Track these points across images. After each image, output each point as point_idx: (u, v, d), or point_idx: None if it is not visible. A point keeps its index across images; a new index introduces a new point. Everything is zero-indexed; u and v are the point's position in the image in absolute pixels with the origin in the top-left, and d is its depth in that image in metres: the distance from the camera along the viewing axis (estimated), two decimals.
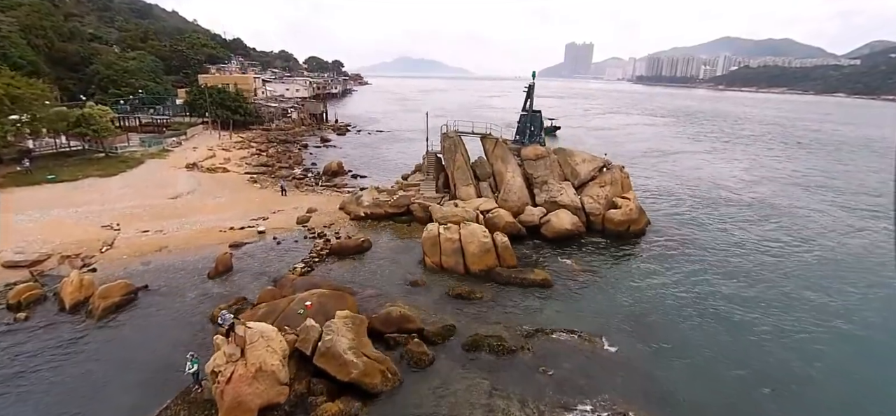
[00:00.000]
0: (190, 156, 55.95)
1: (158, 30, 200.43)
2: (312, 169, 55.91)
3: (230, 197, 41.02)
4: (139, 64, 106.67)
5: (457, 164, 38.72)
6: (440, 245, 29.02)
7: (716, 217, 42.04)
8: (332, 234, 33.94)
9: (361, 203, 37.81)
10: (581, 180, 38.75)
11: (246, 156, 60.32)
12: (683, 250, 33.55)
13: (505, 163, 39.14)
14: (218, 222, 35.07)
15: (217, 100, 79.11)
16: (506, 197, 37.31)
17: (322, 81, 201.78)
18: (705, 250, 33.94)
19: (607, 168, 39.96)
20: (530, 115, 41.11)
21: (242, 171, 51.84)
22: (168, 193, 40.74)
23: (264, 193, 43.08)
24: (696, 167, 65.62)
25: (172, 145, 60.90)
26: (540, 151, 39.62)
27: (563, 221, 34.25)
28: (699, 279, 28.89)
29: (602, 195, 37.42)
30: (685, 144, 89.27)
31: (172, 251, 30.38)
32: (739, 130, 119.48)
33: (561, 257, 31.36)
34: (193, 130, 70.22)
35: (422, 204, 37.11)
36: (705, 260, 31.97)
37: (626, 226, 35.71)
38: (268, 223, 35.20)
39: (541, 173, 38.87)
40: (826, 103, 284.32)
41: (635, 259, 31.71)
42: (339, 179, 50.46)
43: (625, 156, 71.19)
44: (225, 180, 46.44)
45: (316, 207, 39.05)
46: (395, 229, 35.85)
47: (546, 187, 37.87)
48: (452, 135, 40.29)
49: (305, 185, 47.90)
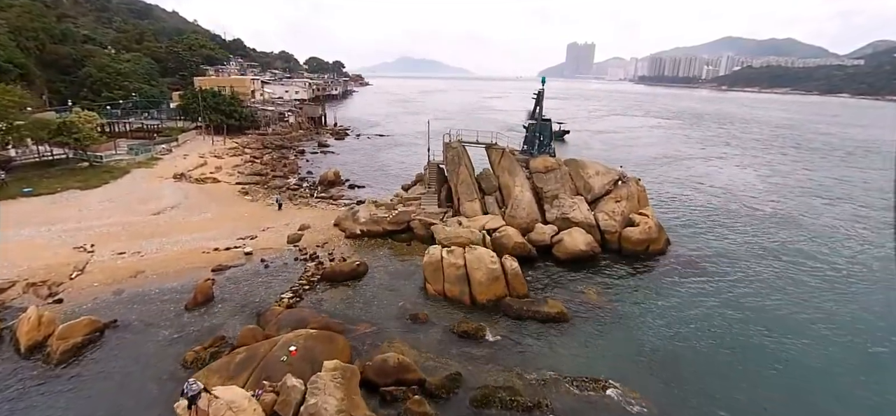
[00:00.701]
0: (179, 164, 53.26)
1: (158, 31, 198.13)
2: (308, 179, 53.17)
3: (217, 212, 38.28)
4: (134, 66, 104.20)
5: (461, 177, 35.93)
6: (443, 271, 26.25)
7: (738, 232, 39.18)
8: (326, 255, 31.19)
9: (358, 220, 35.06)
10: (595, 195, 35.94)
11: (239, 164, 57.59)
12: (709, 274, 30.72)
13: (512, 176, 36.36)
14: (202, 241, 32.34)
15: (211, 104, 76.46)
16: (514, 213, 34.53)
17: (322, 83, 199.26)
18: (733, 272, 31.10)
19: (623, 181, 37.15)
20: (539, 123, 38.27)
21: (234, 181, 49.10)
22: (151, 208, 38.02)
23: (255, 208, 40.34)
24: (710, 174, 62.74)
25: (162, 153, 58.23)
26: (550, 162, 36.82)
27: (577, 241, 31.43)
28: (732, 309, 26.04)
29: (618, 212, 34.61)
30: (695, 149, 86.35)
31: (149, 277, 27.65)
32: (748, 133, 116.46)
33: (576, 283, 28.56)
34: (185, 136, 67.55)
35: (423, 221, 34.35)
36: (735, 285, 29.13)
37: (645, 246, 32.89)
38: (256, 243, 32.47)
39: (551, 187, 36.08)
40: (831, 104, 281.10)
41: (658, 286, 28.86)
42: (336, 190, 47.72)
43: (633, 162, 68.39)
44: (214, 192, 43.71)
45: (309, 223, 36.29)
46: (394, 248, 33.09)
47: (557, 203, 35.08)
48: (456, 145, 37.52)
49: (299, 197, 45.16)
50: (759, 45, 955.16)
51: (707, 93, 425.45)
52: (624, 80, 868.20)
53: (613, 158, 69.95)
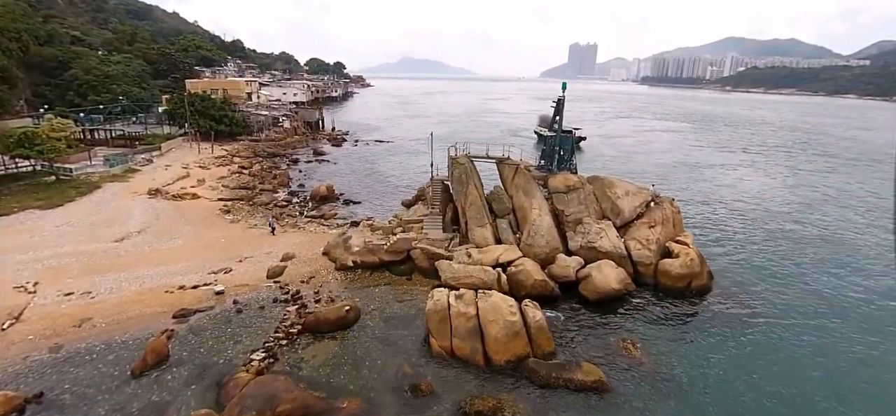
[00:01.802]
0: (158, 177, 48.57)
1: (155, 32, 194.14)
2: (299, 193, 48.38)
3: (191, 237, 33.52)
4: (124, 68, 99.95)
5: (469, 198, 31.09)
6: (451, 322, 21.44)
7: (785, 260, 34.25)
8: (311, 293, 26.43)
9: (350, 248, 30.27)
10: (624, 219, 31.09)
11: (225, 176, 52.86)
12: (764, 317, 25.85)
13: (528, 196, 31.52)
14: (167, 276, 27.60)
15: (200, 109, 71.81)
16: (531, 242, 29.69)
17: (322, 84, 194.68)
18: (791, 314, 26.23)
19: (656, 203, 32.29)
20: (559, 135, 33.42)
21: (216, 196, 44.37)
22: (114, 232, 33.28)
23: (235, 231, 35.57)
24: (737, 186, 57.77)
25: (142, 163, 53.55)
26: (572, 181, 31.97)
27: (608, 278, 26.57)
28: (799, 367, 21.20)
29: (652, 239, 29.74)
30: (714, 155, 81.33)
31: (96, 327, 22.91)
32: (765, 137, 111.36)
33: (610, 333, 23.71)
34: (170, 144, 62.89)
35: (426, 250, 29.55)
36: (796, 332, 24.27)
37: (687, 281, 28.01)
38: (230, 278, 27.72)
39: (574, 210, 31.22)
40: (841, 105, 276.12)
41: (709, 335, 23.99)
42: (329, 207, 42.92)
43: (650, 172, 63.48)
44: (191, 212, 38.98)
45: (294, 250, 31.54)
46: (392, 283, 28.28)
47: (582, 229, 30.23)
48: (463, 161, 32.69)
49: (287, 215, 40.43)
50: (762, 45, 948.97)
51: (712, 94, 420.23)
52: (626, 80, 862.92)
53: (630, 170, 65.19)
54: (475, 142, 35.74)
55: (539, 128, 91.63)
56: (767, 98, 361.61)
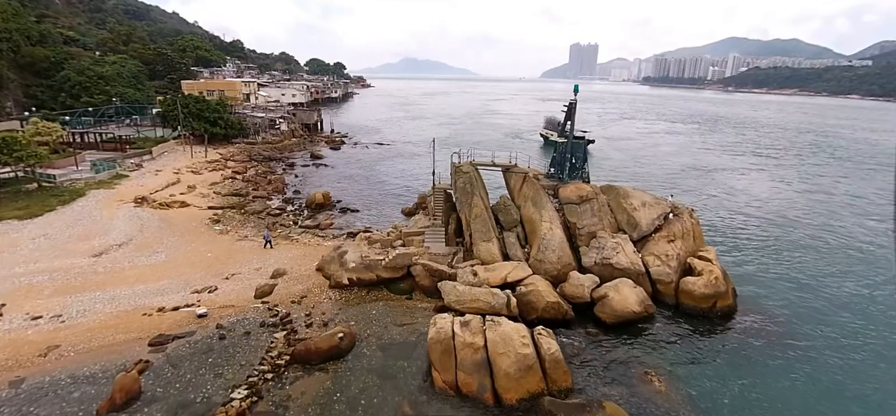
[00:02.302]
0: (147, 184, 46.41)
1: (154, 32, 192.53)
2: (294, 200, 46.18)
3: (175, 251, 31.31)
4: (119, 69, 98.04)
5: (474, 211, 28.83)
6: (455, 354, 19.21)
7: (811, 273, 32.00)
8: (302, 315, 24.21)
9: (346, 264, 28.03)
10: (642, 233, 28.82)
11: (218, 181, 50.70)
12: (800, 341, 23.58)
13: (538, 207, 29.28)
14: (146, 296, 25.40)
15: (194, 111, 69.65)
16: (541, 257, 27.45)
17: (321, 85, 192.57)
18: (829, 337, 23.98)
19: (675, 214, 30.02)
20: (571, 141, 31.13)
21: (206, 204, 42.19)
22: (93, 246, 31.08)
23: (223, 244, 33.34)
24: (751, 191, 55.46)
25: (131, 168, 51.38)
26: (585, 190, 29.72)
27: (628, 299, 24.31)
28: (850, 398, 18.95)
29: (672, 255, 27.48)
30: (723, 159, 79.00)
31: (64, 356, 20.72)
32: (773, 139, 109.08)
33: (632, 362, 21.44)
34: (162, 148, 60.70)
35: (427, 266, 27.32)
36: (842, 359, 21.99)
37: (711, 302, 25.73)
38: (215, 298, 25.53)
39: (587, 223, 28.98)
40: (845, 106, 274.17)
41: (740, 365, 21.70)
42: (324, 216, 40.69)
43: (659, 176, 61.25)
44: (177, 222, 36.77)
45: (286, 266, 29.34)
46: (391, 304, 26.04)
47: (596, 244, 27.98)
48: (467, 169, 30.45)
49: (281, 225, 38.23)
50: (763, 46, 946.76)
51: (714, 94, 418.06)
52: (628, 81, 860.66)
53: (638, 174, 62.96)
54: (477, 145, 33.75)
55: (545, 131, 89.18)
56: (770, 98, 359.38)
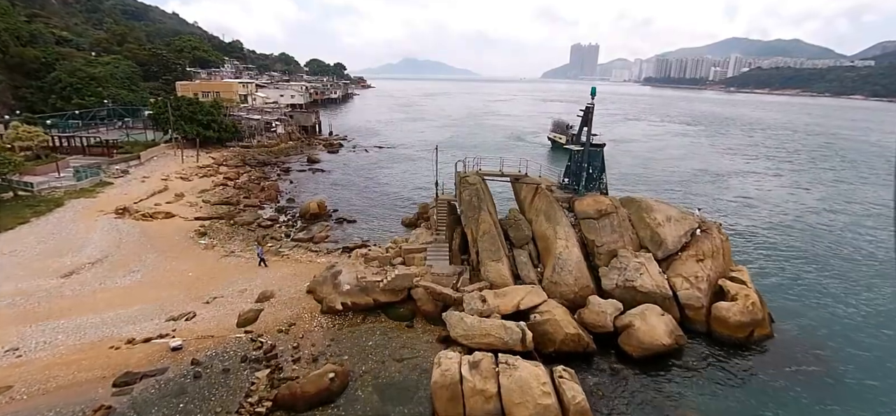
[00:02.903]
0: (132, 191, 43.72)
1: (153, 32, 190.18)
2: (288, 209, 43.45)
3: (153, 269, 28.59)
4: (112, 70, 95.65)
5: (482, 227, 26.10)
6: (464, 401, 16.52)
7: (849, 292, 29.28)
8: (289, 348, 21.50)
9: (339, 286, 25.32)
10: (667, 251, 26.08)
11: (208, 188, 48.01)
12: (845, 373, 20.87)
13: (552, 222, 26.56)
14: (115, 325, 22.68)
15: (186, 114, 66.99)
16: (557, 279, 24.73)
17: (320, 86, 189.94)
18: (877, 368, 21.25)
19: (702, 230, 27.28)
20: (588, 149, 28.40)
21: (193, 215, 39.48)
22: (65, 264, 28.37)
23: (207, 260, 30.60)
24: (767, 199, 52.71)
25: (116, 175, 48.69)
26: (603, 203, 27.00)
27: (656, 330, 21.57)
28: None
29: (702, 276, 24.74)
30: (736, 163, 76.21)
31: (16, 399, 18.04)
32: (782, 141, 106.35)
33: (663, 405, 18.71)
34: (151, 152, 58.02)
35: (430, 289, 24.59)
36: None
37: (748, 331, 22.99)
38: (193, 326, 22.80)
39: (606, 239, 26.25)
40: (850, 107, 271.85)
41: (788, 405, 18.98)
42: (318, 228, 37.92)
43: (671, 182, 58.53)
44: (160, 235, 34.05)
45: (274, 287, 26.62)
46: (389, 333, 23.28)
47: (617, 263, 25.24)
48: (474, 180, 27.74)
49: (271, 238, 35.51)
50: (765, 46, 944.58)
51: (716, 95, 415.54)
52: (628, 81, 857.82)
53: (648, 178, 60.24)
54: (479, 148, 31.32)
55: (553, 134, 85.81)
56: (773, 99, 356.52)
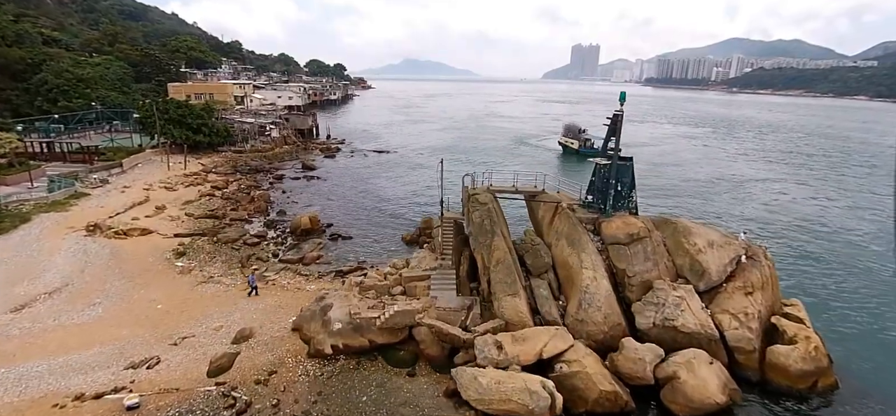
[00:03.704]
0: (110, 204, 40.18)
1: (151, 32, 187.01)
2: (278, 223, 39.86)
3: (118, 301, 25.02)
4: (103, 71, 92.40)
5: (495, 255, 22.51)
6: None
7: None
8: (268, 405, 17.97)
9: (329, 324, 21.75)
10: (710, 282, 22.46)
11: (193, 199, 44.50)
12: None
13: (575, 248, 22.99)
14: (64, 374, 19.12)
15: (174, 117, 63.51)
16: (583, 316, 21.16)
17: (319, 87, 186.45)
18: None
19: (749, 256, 23.66)
20: (616, 162, 24.77)
21: (173, 230, 35.95)
22: (17, 295, 24.78)
23: (181, 288, 27.01)
24: (796, 209, 49.07)
25: (95, 184, 45.18)
26: (634, 225, 23.41)
27: (707, 384, 17.96)
28: None
29: (752, 313, 21.15)
30: (752, 168, 72.58)
31: None
32: (797, 144, 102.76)
33: None
34: (135, 159, 54.49)
35: (435, 329, 21.04)
36: None
37: (811, 381, 19.41)
38: (154, 376, 19.24)
39: (639, 268, 22.67)
40: (856, 108, 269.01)
41: None
42: (310, 247, 34.30)
43: (687, 190, 54.93)
44: (133, 256, 30.50)
45: (254, 322, 23.06)
46: (388, 385, 19.66)
47: (654, 298, 21.64)
48: (486, 199, 24.17)
49: (257, 258, 31.95)
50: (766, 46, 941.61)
51: (719, 96, 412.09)
52: (629, 82, 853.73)
53: (665, 188, 56.62)
54: (484, 153, 27.96)
55: (564, 139, 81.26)
56: (777, 100, 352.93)
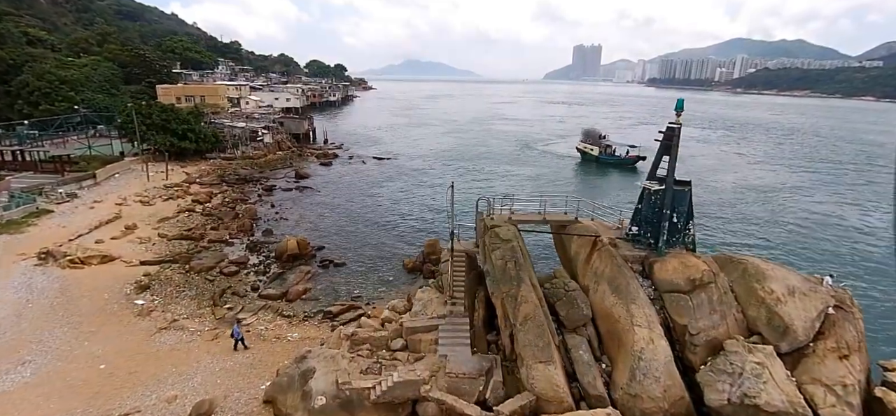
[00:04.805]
0: (74, 223, 35.54)
1: (148, 33, 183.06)
2: (263, 246, 35.03)
3: (54, 359, 20.25)
4: (90, 72, 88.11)
5: (523, 310, 17.71)
6: None
7: None
8: None
9: (310, 397, 17.02)
10: (795, 341, 17.63)
11: (170, 216, 39.84)
12: None
13: (622, 296, 18.21)
14: None
15: (158, 122, 58.95)
16: (637, 390, 16.38)
17: (319, 88, 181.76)
18: None
19: (840, 307, 18.81)
20: (671, 187, 19.85)
21: (141, 256, 31.26)
22: None
23: (135, 337, 22.25)
24: (844, 223, 44.22)
25: (61, 199, 40.53)
26: (696, 268, 18.57)
27: None
28: None
29: (851, 383, 16.35)
30: (779, 175, 67.61)
31: None
32: (819, 148, 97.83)
33: None
34: (111, 169, 49.78)
35: (445, 404, 16.30)
36: None
37: None
38: None
39: (704, 324, 17.86)
40: (866, 109, 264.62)
41: None
42: (296, 277, 29.53)
43: (717, 203, 50.05)
44: (86, 292, 25.77)
45: (219, 387, 18.33)
46: None
47: (726, 364, 16.80)
48: (508, 235, 19.38)
49: (234, 293, 27.24)
50: (769, 47, 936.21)
51: (724, 96, 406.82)
52: (632, 82, 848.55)
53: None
54: (490, 159, 24.13)
55: (583, 145, 75.35)
56: (783, 100, 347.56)
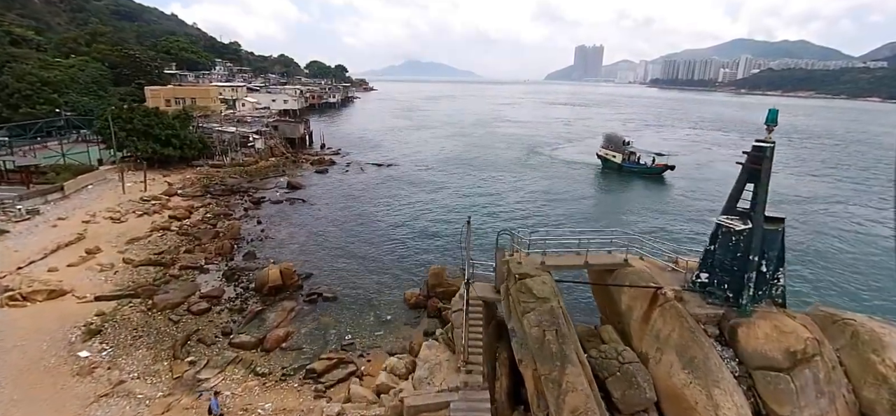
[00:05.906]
0: (29, 245, 31.00)
1: (145, 33, 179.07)
2: (243, 273, 30.38)
3: None
4: (76, 73, 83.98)
5: (570, 402, 12.79)
6: None
7: None
8: None
9: None
10: None
11: (142, 235, 35.31)
12: None
13: (697, 373, 13.61)
14: None
15: (139, 127, 54.47)
16: None
17: (318, 89, 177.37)
18: None
19: None
20: (759, 224, 15.11)
21: (98, 288, 26.71)
22: None
23: (69, 407, 17.70)
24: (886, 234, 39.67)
25: (20, 217, 36.01)
26: (796, 336, 13.95)
27: None
28: None
29: None
30: (805, 183, 62.94)
31: None
32: (839, 153, 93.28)
33: None
34: (82, 180, 45.18)
35: None
36: None
37: None
38: None
39: (812, 413, 13.27)
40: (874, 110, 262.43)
41: None
42: (278, 315, 24.91)
43: None
44: (22, 338, 21.17)
45: None
46: None
47: None
48: (544, 291, 14.80)
49: (200, 341, 22.66)
50: (771, 47, 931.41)
51: (728, 97, 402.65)
52: (634, 83, 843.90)
53: None
54: (496, 166, 21.11)
55: (605, 152, 69.09)
56: (789, 101, 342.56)
